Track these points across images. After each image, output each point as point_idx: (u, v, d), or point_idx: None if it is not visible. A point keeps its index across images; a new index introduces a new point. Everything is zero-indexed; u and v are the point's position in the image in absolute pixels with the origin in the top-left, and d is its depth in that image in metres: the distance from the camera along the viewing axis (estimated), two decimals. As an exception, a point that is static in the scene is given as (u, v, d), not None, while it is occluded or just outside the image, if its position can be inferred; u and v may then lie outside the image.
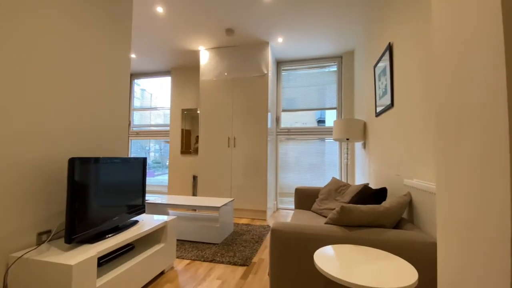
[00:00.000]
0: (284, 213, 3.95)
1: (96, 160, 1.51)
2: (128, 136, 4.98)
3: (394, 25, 1.95)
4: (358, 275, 0.88)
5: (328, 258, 1.01)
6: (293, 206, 4.17)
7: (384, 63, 2.16)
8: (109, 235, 1.51)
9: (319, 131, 4.05)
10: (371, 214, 1.24)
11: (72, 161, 1.33)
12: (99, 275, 1.38)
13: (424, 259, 1.12)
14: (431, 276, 1.11)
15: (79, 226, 1.36)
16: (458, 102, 0.67)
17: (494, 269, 0.54)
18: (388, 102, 2.05)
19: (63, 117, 1.56)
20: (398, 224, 1.46)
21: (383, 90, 2.20)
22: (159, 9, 2.81)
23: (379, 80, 2.33)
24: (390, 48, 2.01)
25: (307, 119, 4.33)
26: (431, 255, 1.11)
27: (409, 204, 1.57)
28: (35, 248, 1.32)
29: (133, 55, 4.09)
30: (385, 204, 1.32)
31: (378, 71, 2.38)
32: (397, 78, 1.89)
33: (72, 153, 1.61)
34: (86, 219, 1.42)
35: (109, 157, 1.62)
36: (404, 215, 1.68)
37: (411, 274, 0.90)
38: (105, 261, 1.47)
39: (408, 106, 1.67)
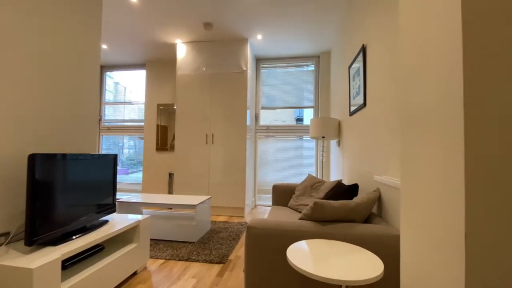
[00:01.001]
0: (262, 209, 3.99)
1: (60, 156, 1.41)
2: (99, 132, 4.73)
3: (368, 27, 2.03)
4: (328, 269, 0.91)
5: (301, 253, 1.04)
6: (271, 203, 4.21)
7: (358, 64, 2.24)
8: (76, 236, 1.43)
9: (298, 129, 4.12)
10: (343, 210, 1.29)
11: (32, 158, 1.23)
12: (64, 278, 1.30)
13: (390, 251, 1.18)
14: (397, 267, 1.18)
15: (41, 227, 1.27)
16: (420, 102, 0.71)
17: (450, 258, 0.58)
18: (361, 101, 2.13)
19: (23, 111, 1.44)
20: (368, 219, 1.53)
21: (357, 90, 2.29)
22: (133, -1, 2.68)
23: (353, 80, 2.42)
24: (363, 49, 2.09)
25: (286, 117, 4.39)
26: (397, 247, 1.18)
27: (379, 199, 1.66)
28: (-11, 252, 1.21)
29: (104, 46, 3.87)
30: (356, 199, 1.38)
31: (352, 71, 2.47)
32: (369, 78, 1.97)
33: (34, 149, 1.50)
34: (49, 220, 1.33)
35: (75, 154, 1.52)
36: (374, 210, 1.77)
37: (377, 266, 0.95)
38: (71, 264, 1.39)
39: (379, 106, 1.75)
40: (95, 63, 1.97)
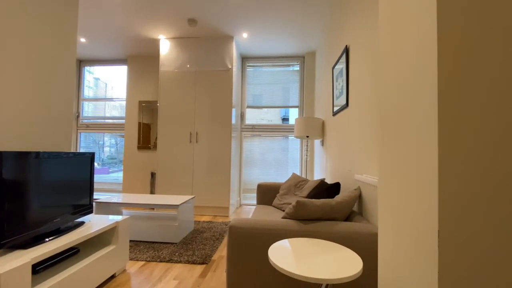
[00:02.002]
0: (247, 209, 3.98)
1: (33, 154, 1.33)
2: (77, 129, 4.52)
3: (351, 28, 2.06)
4: (309, 267, 0.91)
5: (283, 252, 1.04)
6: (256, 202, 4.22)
7: (341, 65, 2.28)
8: (49, 239, 1.36)
9: (283, 128, 4.15)
10: (324, 208, 1.31)
11: (-1, 156, 1.15)
12: (35, 283, 1.23)
13: (370, 249, 1.21)
14: (376, 264, 1.21)
15: (10, 230, 1.20)
16: (395, 102, 0.73)
17: (423, 254, 0.59)
18: (344, 102, 2.17)
19: (-12, 105, 1.34)
20: (349, 217, 1.57)
21: (340, 90, 2.33)
22: (113, -9, 2.57)
23: (337, 81, 2.46)
24: (346, 50, 2.13)
25: (272, 117, 4.40)
26: (375, 244, 1.21)
27: (359, 197, 1.69)
28: (-51, 258, 1.12)
29: (83, 39, 3.70)
30: (337, 198, 1.40)
31: (336, 72, 2.51)
32: (352, 79, 2.01)
33: (3, 147, 1.40)
34: (19, 222, 1.25)
35: (48, 152, 1.44)
36: (355, 208, 1.81)
37: (356, 263, 0.97)
38: (43, 268, 1.32)
39: (360, 107, 1.79)
40: (71, 56, 1.88)
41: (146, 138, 4.24)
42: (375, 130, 1.50)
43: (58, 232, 1.45)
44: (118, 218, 1.81)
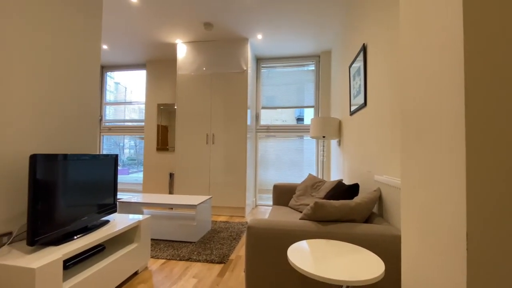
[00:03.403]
0: (263, 209, 3.99)
1: (61, 156, 1.42)
2: (100, 132, 4.73)
3: (369, 26, 2.02)
4: (329, 269, 0.91)
5: (302, 253, 1.04)
6: (272, 203, 4.22)
7: (359, 64, 2.24)
8: (77, 236, 1.43)
9: (298, 128, 4.12)
10: (343, 209, 1.29)
11: (33, 158, 1.24)
12: (66, 278, 1.31)
13: (391, 251, 1.18)
14: (398, 267, 1.18)
15: (42, 227, 1.28)
16: (420, 102, 0.72)
17: (451, 260, 0.58)
18: (362, 101, 2.12)
19: (24, 111, 1.44)
20: (368, 219, 1.54)
21: (357, 89, 2.29)
22: (133, -1, 2.68)
23: (354, 80, 2.41)
24: (364, 48, 2.09)
25: (287, 117, 4.39)
26: (397, 247, 1.18)
27: (379, 199, 1.66)
28: (-9, 253, 1.22)
29: (105, 46, 3.87)
30: (356, 199, 1.38)
31: (353, 71, 2.46)
32: (370, 78, 1.96)
33: (35, 150, 1.50)
34: (51, 220, 1.33)
35: (76, 154, 1.53)
36: (375, 210, 1.77)
37: (378, 266, 0.95)
38: (73, 264, 1.39)
39: (379, 106, 1.75)
40: (96, 63, 1.98)
41: (164, 140, 4.36)
42: (396, 130, 1.46)
43: (86, 230, 1.53)
44: (140, 217, 1.88)
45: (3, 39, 1.34)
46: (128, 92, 4.94)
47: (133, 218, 1.84)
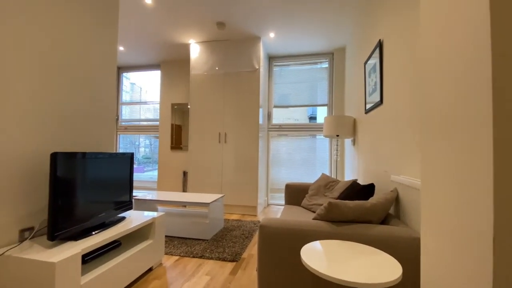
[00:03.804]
0: (275, 208, 3.97)
1: (80, 155, 1.47)
2: (117, 131, 4.87)
3: (385, 21, 1.96)
4: (344, 270, 0.89)
5: (315, 254, 1.02)
6: (284, 202, 4.19)
7: (374, 60, 2.17)
8: (95, 232, 1.48)
9: (311, 127, 4.07)
10: (358, 210, 1.26)
11: (54, 156, 1.28)
12: (84, 272, 1.36)
13: (409, 254, 1.14)
14: (416, 271, 1.14)
15: (62, 223, 1.33)
16: (443, 98, 0.68)
17: (476, 264, 0.55)
18: (378, 99, 2.06)
19: (45, 111, 1.50)
20: (384, 220, 1.49)
21: (373, 87, 2.22)
22: (148, 0, 2.73)
23: (369, 77, 2.35)
24: (380, 44, 2.02)
25: (299, 116, 4.34)
26: (416, 250, 1.14)
27: (396, 200, 1.60)
28: (17, 245, 1.28)
29: (121, 48, 3.98)
30: (372, 200, 1.34)
31: (368, 68, 2.40)
32: (386, 75, 1.90)
33: (55, 147, 1.56)
34: (70, 216, 1.38)
35: (94, 152, 1.57)
36: (391, 211, 1.71)
37: (395, 269, 0.92)
38: (91, 258, 1.44)
39: (396, 103, 1.69)
40: (112, 64, 2.03)
41: (178, 139, 4.43)
42: (414, 129, 1.41)
43: (103, 226, 1.58)
44: (155, 214, 1.92)
45: (27, 43, 1.40)
46: (143, 92, 5.06)
47: (148, 215, 1.88)
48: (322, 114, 4.21)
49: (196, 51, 3.76)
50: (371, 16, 2.35)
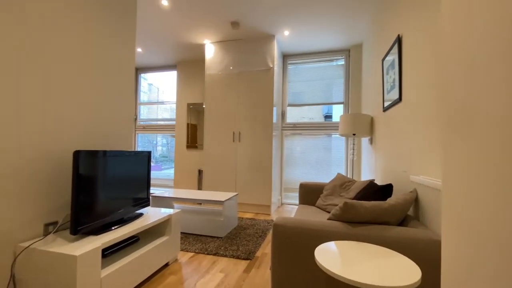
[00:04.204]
0: (289, 208, 3.95)
1: (101, 153, 1.52)
2: (135, 130, 5.03)
3: (403, 16, 1.88)
4: (359, 272, 0.86)
5: (330, 254, 1.00)
6: (298, 202, 4.16)
7: (393, 56, 2.10)
8: (114, 227, 1.54)
9: (326, 126, 4.00)
10: (375, 211, 1.22)
11: (76, 154, 1.34)
12: (104, 266, 1.41)
13: (428, 258, 1.09)
14: (435, 275, 1.09)
15: (84, 218, 1.39)
16: (468, 95, 0.64)
17: (501, 270, 0.51)
18: (396, 96, 1.99)
19: (68, 111, 1.58)
20: (403, 221, 1.44)
21: (391, 84, 2.15)
22: (164, 2, 2.79)
23: (387, 74, 2.27)
24: (399, 40, 1.95)
25: (313, 114, 4.28)
26: (436, 253, 1.09)
27: (416, 201, 1.54)
28: (42, 239, 1.35)
29: (139, 49, 4.10)
30: (390, 201, 1.30)
31: (386, 64, 2.32)
32: (405, 71, 1.83)
33: (77, 146, 1.64)
34: (91, 211, 1.44)
35: (114, 150, 1.63)
36: (410, 212, 1.65)
37: (414, 272, 0.88)
38: (110, 253, 1.50)
39: (416, 101, 1.62)
40: (131, 66, 2.09)
41: (193, 138, 4.51)
42: (435, 127, 1.34)
43: (122, 221, 1.64)
44: (171, 211, 1.96)
45: (52, 47, 1.47)
46: (160, 93, 5.19)
47: (164, 212, 1.92)
48: (338, 112, 4.12)
49: (211, 51, 3.80)
50: (389, 10, 2.27)
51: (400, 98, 1.92)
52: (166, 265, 1.92)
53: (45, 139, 1.44)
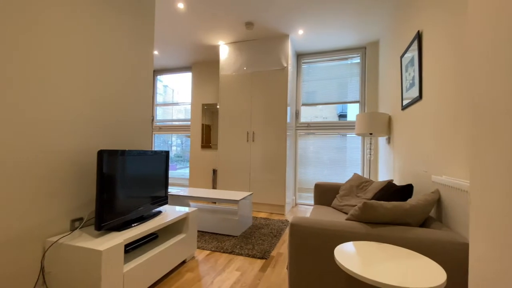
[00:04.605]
0: (303, 208, 3.92)
1: (123, 152, 1.58)
2: (152, 131, 5.16)
3: (424, 12, 1.83)
4: (381, 272, 0.85)
5: (349, 255, 0.99)
6: (312, 202, 4.12)
7: (412, 53, 2.04)
8: (135, 224, 1.59)
9: (341, 125, 3.94)
10: (396, 212, 1.19)
11: (101, 153, 1.40)
12: (126, 261, 1.46)
13: (453, 260, 1.06)
14: (460, 278, 1.05)
15: (107, 215, 1.44)
16: (497, 92, 0.62)
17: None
18: (416, 94, 1.93)
19: (92, 112, 1.65)
20: (424, 223, 1.39)
21: (410, 81, 2.09)
22: (180, 5, 2.85)
23: (406, 71, 2.21)
24: (419, 36, 1.89)
25: (327, 114, 4.22)
26: (462, 256, 1.05)
27: (437, 201, 1.49)
28: (68, 234, 1.42)
29: (155, 52, 4.20)
30: (411, 201, 1.26)
31: (405, 61, 2.26)
32: (426, 68, 1.78)
33: (100, 146, 1.70)
34: (114, 208, 1.50)
35: (135, 150, 1.68)
36: (432, 214, 1.60)
37: (439, 274, 0.85)
38: (131, 249, 1.55)
39: (438, 99, 1.57)
40: (149, 69, 2.15)
41: (208, 138, 4.57)
42: (459, 126, 1.30)
43: (142, 219, 1.69)
44: (188, 209, 2.00)
45: (76, 51, 1.54)
46: (175, 94, 5.30)
47: (182, 210, 1.96)
48: (353, 111, 4.05)
49: (225, 52, 3.84)
50: (408, 7, 2.21)
51: (420, 96, 1.86)
52: (183, 262, 1.96)
53: (70, 139, 1.51)
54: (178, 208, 2.05)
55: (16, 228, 1.27)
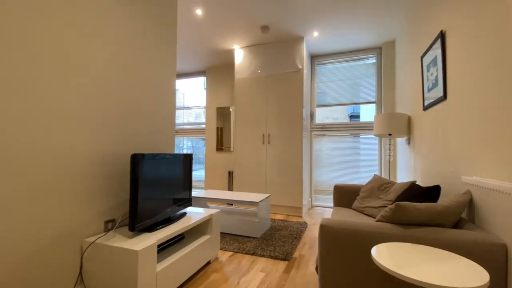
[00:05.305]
0: (320, 210, 3.90)
1: (154, 156, 1.63)
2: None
3: (447, 11, 1.81)
4: (425, 273, 0.85)
5: (387, 256, 0.99)
6: (328, 204, 4.10)
7: (434, 53, 2.02)
8: (163, 225, 1.63)
9: (354, 126, 3.91)
10: (429, 213, 1.19)
11: (134, 157, 1.45)
12: (158, 260, 1.50)
13: (491, 261, 1.05)
14: (499, 279, 1.04)
15: (140, 216, 1.49)
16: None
17: None
18: (440, 94, 1.91)
19: (123, 118, 1.71)
20: (457, 224, 1.38)
21: (433, 81, 2.06)
22: (198, 12, 2.91)
23: (428, 71, 2.19)
24: (442, 36, 1.87)
25: (338, 114, 4.20)
26: (499, 257, 1.04)
27: (469, 202, 1.47)
28: (104, 235, 1.48)
29: (171, 57, 4.29)
30: (444, 202, 1.25)
31: (426, 61, 2.23)
32: (450, 68, 1.76)
33: (131, 150, 1.76)
34: (146, 210, 1.55)
35: (162, 153, 1.73)
36: (463, 215, 1.57)
37: (480, 275, 0.85)
38: (161, 249, 1.59)
39: (465, 98, 1.55)
40: (173, 77, 2.21)
41: (221, 141, 4.63)
42: (487, 124, 1.28)
43: (169, 220, 1.73)
44: (211, 211, 2.03)
45: (100, 62, 1.61)
46: (186, 98, 5.41)
47: (206, 212, 2.00)
48: (366, 112, 4.02)
49: (240, 56, 3.89)
50: (427, 5, 2.19)
51: (445, 96, 1.84)
52: (208, 263, 1.99)
53: (103, 143, 1.58)
54: (201, 209, 2.09)
55: (61, 228, 1.34)
